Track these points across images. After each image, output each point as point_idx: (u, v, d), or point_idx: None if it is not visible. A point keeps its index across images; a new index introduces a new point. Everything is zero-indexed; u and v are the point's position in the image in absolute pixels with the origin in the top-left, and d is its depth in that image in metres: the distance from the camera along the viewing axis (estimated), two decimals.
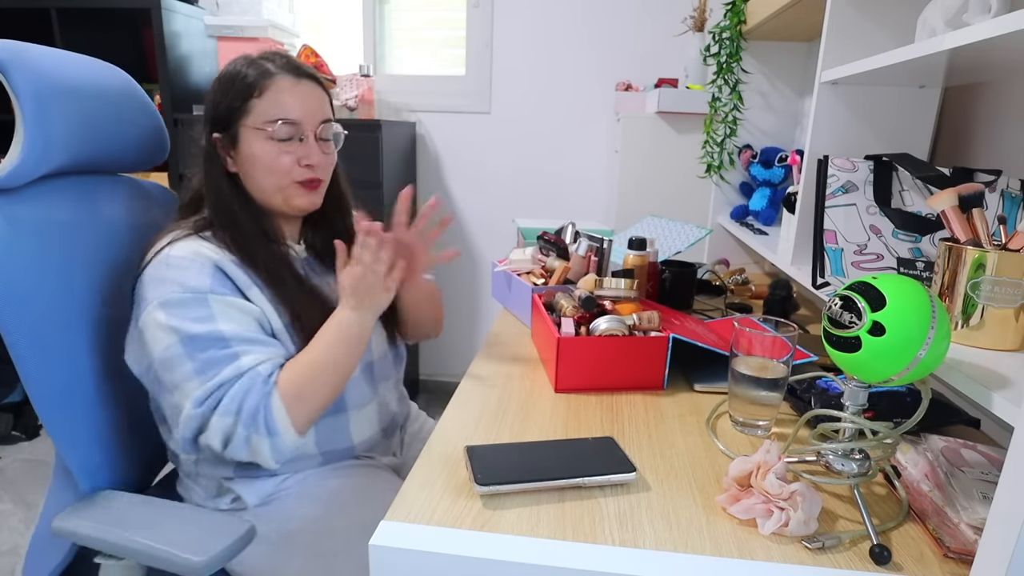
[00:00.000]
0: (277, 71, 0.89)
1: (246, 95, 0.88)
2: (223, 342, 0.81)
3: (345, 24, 2.59)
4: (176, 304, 0.81)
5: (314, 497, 0.92)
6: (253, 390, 0.80)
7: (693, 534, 0.60)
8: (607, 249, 1.22)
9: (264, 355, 0.83)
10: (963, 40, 0.65)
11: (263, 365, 0.82)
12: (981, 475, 0.67)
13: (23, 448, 2.27)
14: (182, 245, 0.86)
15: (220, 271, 0.86)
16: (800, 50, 1.74)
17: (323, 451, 0.96)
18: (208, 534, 0.76)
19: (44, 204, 0.89)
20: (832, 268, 0.93)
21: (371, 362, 1.02)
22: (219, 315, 0.82)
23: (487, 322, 2.70)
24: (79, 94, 0.89)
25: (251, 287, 0.88)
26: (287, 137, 0.89)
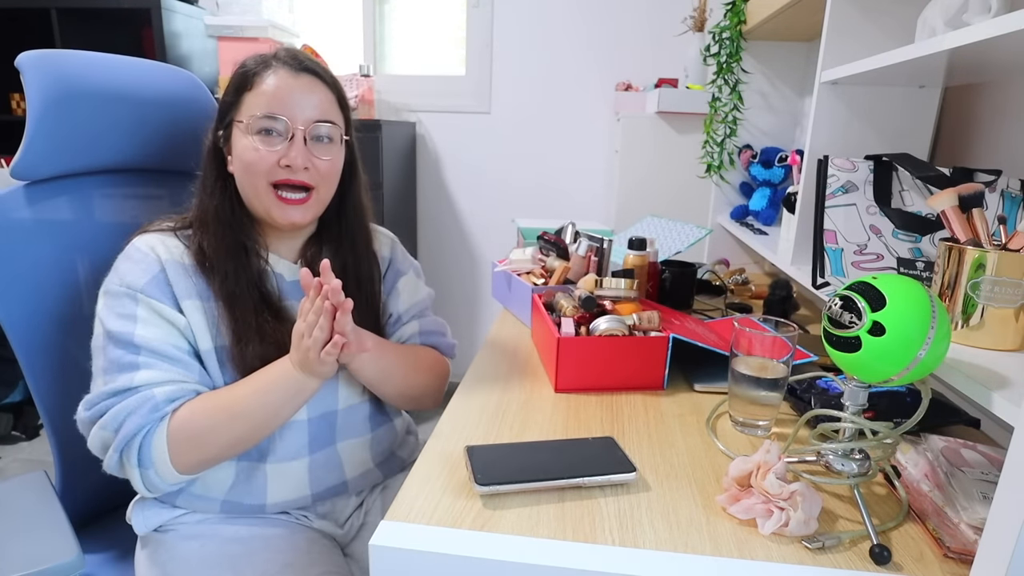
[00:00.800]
0: (275, 63, 0.83)
1: (241, 88, 0.83)
2: (132, 347, 0.76)
3: (345, 24, 2.59)
4: (111, 295, 0.79)
5: (201, 540, 0.82)
6: (138, 412, 0.74)
7: (693, 534, 0.60)
8: (607, 249, 1.22)
9: (167, 375, 0.76)
10: (963, 40, 0.65)
11: (161, 388, 0.75)
12: (981, 475, 0.67)
13: (23, 448, 2.27)
14: (145, 238, 0.82)
15: (163, 273, 0.80)
16: (800, 50, 1.74)
17: (225, 499, 0.84)
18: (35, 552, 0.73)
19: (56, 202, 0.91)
20: (832, 268, 0.93)
21: (334, 411, 0.89)
22: (141, 318, 0.77)
23: (487, 322, 2.70)
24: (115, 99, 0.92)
25: (190, 298, 0.81)
26: (269, 132, 0.81)
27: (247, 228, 0.87)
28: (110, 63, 0.94)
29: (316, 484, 0.89)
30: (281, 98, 0.81)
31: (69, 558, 0.73)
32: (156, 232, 0.84)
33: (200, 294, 0.82)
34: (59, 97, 0.86)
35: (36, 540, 0.77)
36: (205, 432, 0.76)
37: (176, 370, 0.78)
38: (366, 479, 0.95)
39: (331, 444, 0.90)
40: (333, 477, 0.91)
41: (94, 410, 0.75)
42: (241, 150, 0.82)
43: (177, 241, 0.84)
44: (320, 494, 0.90)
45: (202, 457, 0.77)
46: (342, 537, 0.94)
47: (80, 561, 0.73)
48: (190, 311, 0.81)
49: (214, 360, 0.82)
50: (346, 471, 0.92)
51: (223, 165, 0.87)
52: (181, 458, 0.76)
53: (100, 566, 0.90)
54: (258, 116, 0.81)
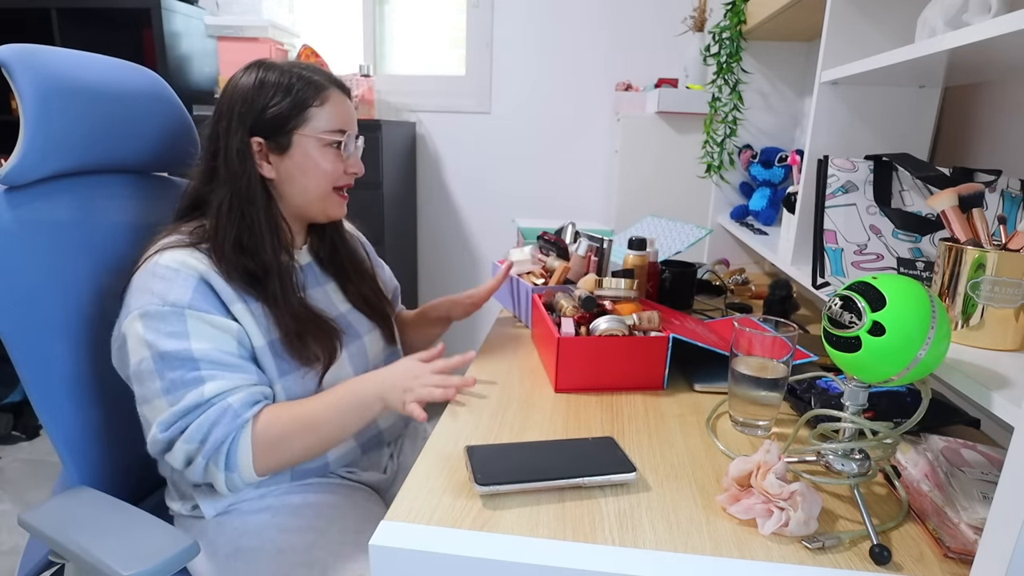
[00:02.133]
0: (329, 85, 0.92)
1: (306, 104, 0.89)
2: (192, 363, 0.79)
3: (345, 24, 2.59)
4: (154, 316, 0.79)
5: (272, 511, 0.89)
6: (220, 423, 0.78)
7: (693, 534, 0.60)
8: (607, 249, 1.22)
9: (231, 382, 0.81)
10: (963, 40, 0.65)
11: (234, 396, 0.80)
12: (981, 475, 0.67)
13: (23, 448, 2.27)
14: (171, 255, 0.83)
15: (205, 284, 0.83)
16: (800, 50, 1.74)
17: (294, 468, 0.92)
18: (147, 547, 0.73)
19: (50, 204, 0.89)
20: (832, 268, 0.93)
21: (366, 369, 0.99)
22: (193, 332, 0.80)
23: (487, 322, 2.70)
24: (93, 96, 0.89)
25: (236, 301, 0.85)
26: (339, 145, 0.92)
27: (286, 232, 0.94)
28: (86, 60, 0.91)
29: (360, 436, 0.98)
30: (345, 117, 0.93)
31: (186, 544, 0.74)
32: (177, 248, 0.85)
33: (240, 297, 0.86)
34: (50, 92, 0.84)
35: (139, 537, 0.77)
36: (281, 440, 0.82)
37: (240, 376, 0.82)
38: (394, 430, 1.06)
39: None
40: (371, 428, 1.00)
41: (172, 429, 0.79)
42: (318, 159, 0.91)
43: (201, 254, 0.85)
44: (365, 444, 0.99)
45: (277, 462, 0.83)
46: (383, 483, 1.03)
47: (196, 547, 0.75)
48: (240, 314, 0.85)
49: (268, 355, 0.87)
50: (380, 421, 1.01)
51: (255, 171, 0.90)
52: (260, 462, 0.81)
53: None
54: (335, 131, 0.91)
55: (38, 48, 0.85)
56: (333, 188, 0.94)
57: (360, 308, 1.03)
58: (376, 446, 1.02)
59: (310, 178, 0.92)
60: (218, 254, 0.85)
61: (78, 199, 0.93)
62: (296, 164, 0.90)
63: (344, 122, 0.93)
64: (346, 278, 1.03)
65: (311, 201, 0.94)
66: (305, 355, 0.88)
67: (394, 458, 1.07)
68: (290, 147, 0.90)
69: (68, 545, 0.75)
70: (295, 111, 0.89)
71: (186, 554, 0.74)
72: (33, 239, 0.86)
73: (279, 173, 0.91)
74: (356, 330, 1.00)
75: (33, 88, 0.82)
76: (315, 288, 0.99)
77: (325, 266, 1.02)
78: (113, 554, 0.72)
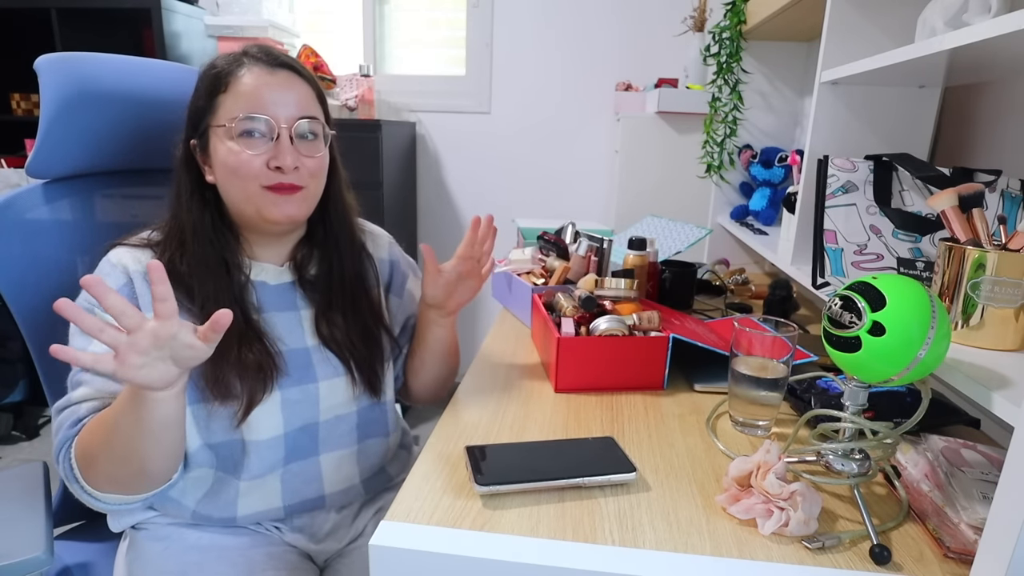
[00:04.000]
0: (248, 61, 0.79)
1: (214, 91, 0.78)
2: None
3: (345, 24, 2.59)
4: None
5: (167, 542, 0.82)
6: (63, 426, 0.72)
7: (693, 534, 0.60)
8: (607, 249, 1.22)
9: (96, 392, 0.74)
10: (963, 40, 0.65)
11: (84, 405, 0.73)
12: (981, 475, 0.67)
13: (23, 448, 2.27)
14: (116, 252, 0.80)
15: (128, 287, 0.77)
16: (800, 50, 1.74)
17: (196, 510, 0.83)
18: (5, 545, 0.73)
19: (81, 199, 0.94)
20: (832, 268, 0.93)
21: (315, 423, 0.85)
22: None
23: (487, 322, 2.70)
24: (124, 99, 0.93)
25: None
26: (252, 134, 0.77)
27: (229, 242, 0.83)
28: (124, 65, 0.95)
29: (290, 496, 0.85)
30: (260, 97, 0.77)
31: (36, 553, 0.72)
32: (127, 246, 0.81)
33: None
34: (75, 98, 0.88)
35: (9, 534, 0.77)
36: (92, 446, 0.70)
37: (111, 386, 0.74)
38: (347, 495, 0.90)
39: (312, 455, 0.86)
40: (310, 490, 0.86)
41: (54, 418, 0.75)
42: (224, 155, 0.78)
43: (150, 253, 0.80)
44: (294, 507, 0.86)
45: (101, 473, 0.70)
46: (318, 553, 0.89)
47: (47, 558, 0.73)
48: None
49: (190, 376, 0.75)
50: (325, 485, 0.87)
51: (199, 176, 0.82)
52: (87, 474, 0.70)
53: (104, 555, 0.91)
54: (239, 118, 0.76)
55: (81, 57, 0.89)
56: (263, 187, 0.78)
57: (332, 349, 0.87)
58: (310, 509, 0.88)
59: (226, 178, 0.79)
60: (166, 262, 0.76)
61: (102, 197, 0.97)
62: (219, 163, 0.79)
63: (256, 104, 0.77)
64: (332, 308, 0.88)
65: (241, 206, 0.80)
66: (218, 389, 0.77)
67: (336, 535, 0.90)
68: (208, 145, 0.79)
69: None
70: (204, 99, 0.79)
71: (27, 565, 0.72)
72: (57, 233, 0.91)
73: (215, 176, 0.81)
74: (314, 372, 0.85)
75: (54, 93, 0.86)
76: (281, 312, 0.85)
77: (309, 290, 0.88)
78: None
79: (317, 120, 0.82)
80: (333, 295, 0.88)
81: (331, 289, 0.88)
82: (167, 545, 0.82)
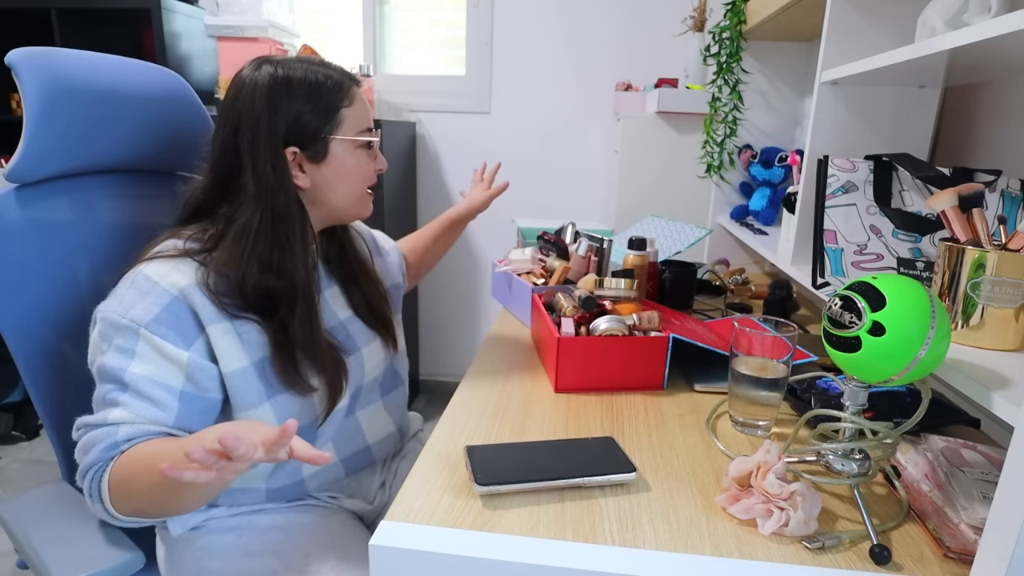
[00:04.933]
0: (351, 82, 0.86)
1: (338, 105, 0.83)
2: (121, 385, 0.73)
3: (345, 24, 2.59)
4: (110, 325, 0.75)
5: (238, 532, 0.84)
6: (97, 447, 0.72)
7: (693, 534, 0.60)
8: (607, 249, 1.22)
9: (139, 416, 0.73)
10: (963, 40, 0.65)
11: (125, 427, 0.72)
12: (981, 475, 0.67)
13: (23, 448, 2.27)
14: (157, 266, 0.77)
15: (181, 302, 0.76)
16: (800, 50, 1.74)
17: (268, 487, 0.86)
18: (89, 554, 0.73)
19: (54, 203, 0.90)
20: (832, 268, 0.93)
21: (359, 387, 0.93)
22: (139, 354, 0.74)
23: (487, 322, 2.70)
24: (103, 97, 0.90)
25: (219, 320, 0.77)
26: (370, 145, 0.88)
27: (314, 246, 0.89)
28: (99, 62, 0.92)
29: (342, 451, 0.92)
30: (369, 114, 0.89)
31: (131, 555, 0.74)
32: (167, 259, 0.78)
33: (230, 316, 0.78)
34: (55, 94, 0.84)
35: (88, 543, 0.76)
36: (130, 479, 0.70)
37: (152, 412, 0.74)
38: (386, 444, 1.00)
39: (351, 414, 0.93)
40: (356, 443, 0.94)
41: (77, 434, 0.76)
42: (354, 163, 0.86)
43: (192, 264, 0.78)
44: (348, 460, 0.93)
45: (132, 505, 0.72)
46: (370, 513, 0.97)
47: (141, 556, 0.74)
48: (218, 335, 0.77)
49: (253, 375, 0.79)
50: (367, 437, 0.96)
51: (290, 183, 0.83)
52: (116, 501, 0.72)
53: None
54: (368, 130, 0.87)
55: (53, 51, 0.86)
56: (368, 188, 0.90)
57: (361, 315, 0.95)
58: (364, 467, 0.96)
59: (347, 183, 0.86)
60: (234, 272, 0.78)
61: (82, 199, 0.94)
62: (333, 170, 0.84)
63: (370, 120, 0.88)
64: (351, 281, 0.96)
65: (348, 205, 0.89)
66: (299, 385, 0.81)
67: (386, 486, 1.00)
68: (327, 154, 0.84)
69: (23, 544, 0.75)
70: (329, 114, 0.83)
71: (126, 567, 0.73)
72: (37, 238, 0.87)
73: (314, 181, 0.84)
74: (355, 341, 0.93)
75: (37, 90, 0.83)
76: (319, 294, 0.91)
77: (331, 268, 0.95)
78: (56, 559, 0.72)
79: None
80: (353, 269, 0.97)
81: (350, 264, 0.97)
82: (240, 533, 0.84)
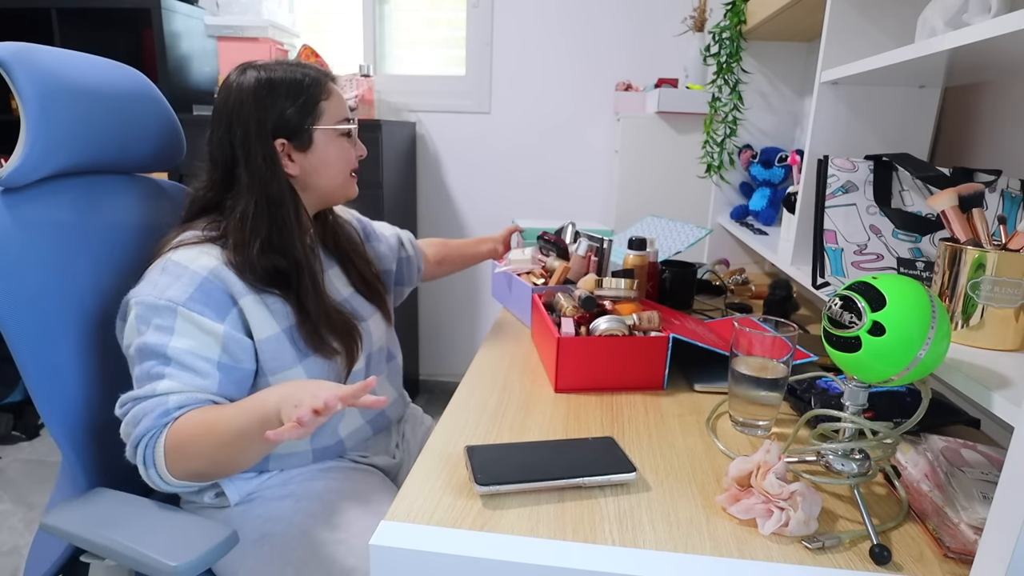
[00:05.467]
0: (326, 78, 0.97)
1: (317, 99, 0.94)
2: (164, 359, 0.80)
3: (345, 24, 2.59)
4: (149, 307, 0.82)
5: (295, 498, 0.91)
6: (150, 415, 0.78)
7: (693, 534, 0.60)
8: (607, 249, 1.22)
9: (186, 385, 0.79)
10: (963, 40, 0.65)
11: (176, 396, 0.79)
12: (981, 475, 0.67)
13: (23, 448, 2.27)
14: (184, 252, 0.86)
15: (211, 281, 0.84)
16: (800, 50, 1.74)
17: (314, 448, 0.96)
18: (188, 538, 0.75)
19: (50, 204, 0.89)
20: (832, 268, 0.93)
21: (370, 353, 1.03)
22: (178, 330, 0.81)
23: (487, 322, 2.70)
24: (88, 95, 0.90)
25: (248, 293, 0.86)
26: (350, 134, 0.99)
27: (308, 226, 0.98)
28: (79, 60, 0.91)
29: (366, 413, 1.03)
30: (345, 106, 0.99)
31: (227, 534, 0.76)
32: (191, 245, 0.87)
33: (253, 289, 0.87)
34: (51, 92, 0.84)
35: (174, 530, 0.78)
36: (188, 443, 0.77)
37: (198, 381, 0.81)
38: (396, 408, 1.11)
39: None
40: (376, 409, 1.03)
41: (122, 410, 0.81)
42: (337, 150, 0.97)
43: (215, 248, 0.88)
44: (372, 421, 1.04)
45: (189, 468, 0.78)
46: (392, 467, 1.07)
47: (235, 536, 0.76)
48: (249, 306, 0.87)
49: (285, 340, 0.89)
50: None
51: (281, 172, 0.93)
52: (173, 465, 0.78)
53: None
54: (346, 120, 0.98)
55: (35, 47, 0.85)
56: (351, 172, 1.01)
57: (361, 291, 1.07)
58: (383, 427, 1.07)
59: (332, 167, 0.97)
60: (242, 255, 0.87)
61: (77, 199, 0.93)
62: (318, 158, 0.95)
63: (346, 110, 1.00)
64: (348, 261, 1.07)
65: (335, 188, 0.99)
66: (324, 349, 0.92)
67: (399, 445, 1.11)
68: (311, 143, 0.94)
69: (108, 544, 0.76)
70: (310, 108, 0.93)
71: (227, 543, 0.76)
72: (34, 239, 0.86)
73: (302, 168, 0.95)
74: (360, 314, 1.03)
75: (34, 88, 0.82)
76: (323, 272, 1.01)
77: (329, 251, 1.05)
78: (157, 548, 0.73)
79: None
80: (347, 250, 1.07)
81: (343, 246, 1.07)
82: (297, 499, 0.91)
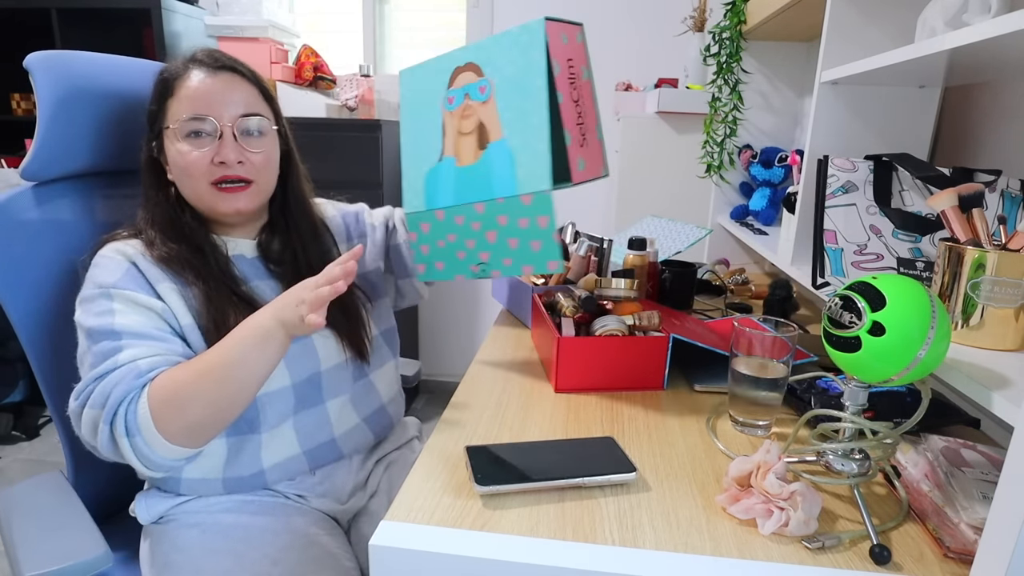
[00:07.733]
0: (192, 66, 0.85)
1: (164, 96, 0.85)
2: (114, 335, 0.77)
3: (345, 24, 2.59)
4: (86, 300, 0.80)
5: (202, 528, 0.84)
6: (123, 382, 0.73)
7: (693, 534, 0.60)
8: (607, 249, 1.22)
9: (150, 350, 0.77)
10: (963, 40, 0.65)
11: (145, 360, 0.75)
12: (981, 475, 0.67)
13: (23, 448, 2.27)
14: (109, 246, 0.84)
15: (134, 267, 0.82)
16: (800, 50, 1.74)
17: (225, 477, 0.85)
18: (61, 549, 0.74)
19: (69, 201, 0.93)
20: (832, 268, 0.93)
21: (318, 372, 0.91)
22: (118, 310, 0.78)
23: (487, 322, 2.69)
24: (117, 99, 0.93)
25: (163, 280, 0.82)
26: (199, 134, 0.83)
27: (197, 232, 0.88)
28: (113, 63, 0.95)
29: (305, 442, 0.90)
30: (204, 98, 0.83)
31: (97, 553, 0.74)
32: (115, 240, 0.86)
33: (167, 276, 0.83)
34: (68, 96, 0.87)
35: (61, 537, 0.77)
36: (180, 392, 0.73)
37: (157, 344, 0.78)
38: (354, 436, 0.95)
39: (319, 403, 0.91)
40: (322, 434, 0.91)
41: (81, 396, 0.75)
42: (175, 156, 0.84)
43: (136, 242, 0.85)
44: (312, 452, 0.90)
45: (185, 421, 0.74)
46: (343, 513, 0.95)
47: (107, 556, 0.74)
48: (166, 293, 0.82)
49: (198, 334, 0.82)
50: (334, 428, 0.93)
51: (163, 175, 0.88)
52: (164, 423, 0.73)
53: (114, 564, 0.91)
54: (184, 120, 0.83)
55: (63, 54, 0.89)
56: (211, 183, 0.84)
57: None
58: (330, 461, 0.93)
59: (183, 175, 0.85)
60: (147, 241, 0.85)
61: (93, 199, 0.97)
62: (172, 163, 0.85)
63: (200, 105, 0.83)
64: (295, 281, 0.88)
65: (196, 200, 0.86)
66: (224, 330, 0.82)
67: (367, 489, 0.98)
68: (163, 147, 0.86)
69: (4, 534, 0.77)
70: (157, 105, 0.86)
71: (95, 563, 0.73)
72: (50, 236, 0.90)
73: (173, 176, 0.87)
74: None
75: (51, 91, 0.86)
76: (264, 280, 0.91)
77: (273, 264, 0.93)
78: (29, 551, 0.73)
79: (262, 117, 0.88)
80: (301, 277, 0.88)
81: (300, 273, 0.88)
82: (204, 529, 0.84)
